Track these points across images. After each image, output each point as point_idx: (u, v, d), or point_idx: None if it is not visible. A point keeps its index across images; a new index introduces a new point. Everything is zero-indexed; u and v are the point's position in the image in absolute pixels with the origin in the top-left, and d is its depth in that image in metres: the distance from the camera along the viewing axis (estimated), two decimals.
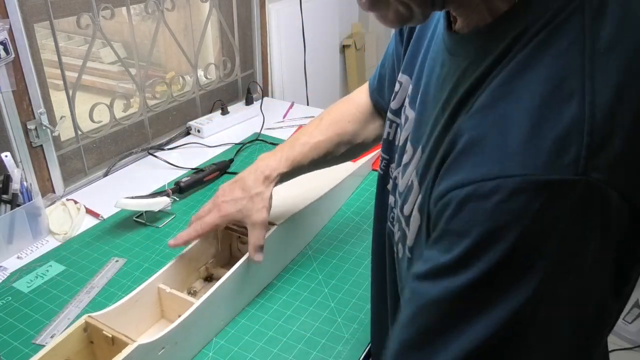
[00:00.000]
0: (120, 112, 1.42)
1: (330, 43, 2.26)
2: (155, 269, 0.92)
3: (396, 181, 0.63)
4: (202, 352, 0.82)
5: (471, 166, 0.42)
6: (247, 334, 0.86)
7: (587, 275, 0.41)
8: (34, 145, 1.17)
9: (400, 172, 0.60)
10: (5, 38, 1.05)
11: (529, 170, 0.39)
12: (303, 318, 0.89)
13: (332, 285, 0.96)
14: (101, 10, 1.29)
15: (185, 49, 1.57)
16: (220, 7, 1.66)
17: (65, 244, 1.08)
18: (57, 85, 1.25)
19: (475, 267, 0.41)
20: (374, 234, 0.77)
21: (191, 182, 1.24)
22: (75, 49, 1.41)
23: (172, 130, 1.58)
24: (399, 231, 0.59)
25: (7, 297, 0.93)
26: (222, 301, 0.84)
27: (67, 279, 0.98)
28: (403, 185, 0.58)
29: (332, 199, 1.15)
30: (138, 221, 1.14)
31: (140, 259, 1.03)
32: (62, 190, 1.27)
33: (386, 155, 0.71)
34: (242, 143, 1.50)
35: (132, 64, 1.43)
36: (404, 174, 0.59)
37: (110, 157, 1.41)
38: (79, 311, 0.90)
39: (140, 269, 1.00)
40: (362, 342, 0.84)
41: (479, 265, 0.41)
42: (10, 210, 1.04)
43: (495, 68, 0.44)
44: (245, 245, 0.98)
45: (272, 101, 1.85)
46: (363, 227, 1.13)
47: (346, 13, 2.37)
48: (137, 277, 0.98)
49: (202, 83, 1.68)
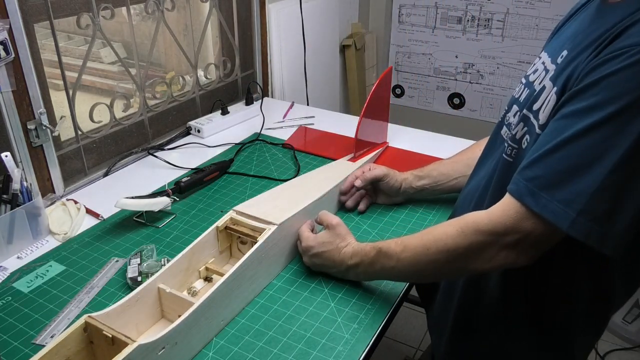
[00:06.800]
0: (120, 112, 1.42)
1: (330, 43, 2.26)
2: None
3: (510, 120, 0.86)
4: (202, 352, 0.82)
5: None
6: (247, 334, 0.86)
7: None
8: (34, 145, 1.17)
9: (526, 89, 0.84)
10: (5, 38, 1.05)
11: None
12: (303, 318, 0.89)
13: (332, 285, 0.96)
14: (101, 10, 1.29)
15: (185, 49, 1.57)
16: (220, 7, 1.66)
17: (65, 244, 1.08)
18: (57, 85, 1.25)
19: (621, 100, 0.62)
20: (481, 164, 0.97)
21: (191, 182, 1.24)
22: (75, 49, 1.41)
23: (172, 130, 1.58)
24: (524, 129, 0.79)
25: (7, 297, 0.93)
26: (222, 301, 0.84)
27: (67, 279, 0.98)
28: (525, 97, 0.82)
29: (332, 199, 1.16)
30: (138, 221, 1.14)
31: None
32: (62, 190, 1.27)
33: (507, 107, 0.89)
34: (242, 143, 1.50)
35: (132, 64, 1.43)
36: (530, 89, 0.81)
37: (110, 157, 1.41)
38: (79, 311, 0.90)
39: None
40: (362, 342, 0.84)
41: (625, 99, 0.61)
42: (10, 210, 1.04)
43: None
44: (245, 245, 0.98)
45: (272, 101, 1.85)
46: (363, 227, 1.13)
47: (346, 13, 2.38)
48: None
49: (202, 83, 1.68)
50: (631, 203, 0.64)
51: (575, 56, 0.71)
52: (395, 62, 2.68)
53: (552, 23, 2.26)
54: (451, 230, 0.78)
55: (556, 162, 0.67)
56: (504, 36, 2.40)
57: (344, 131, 1.56)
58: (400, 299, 0.94)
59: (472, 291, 0.90)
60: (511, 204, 0.71)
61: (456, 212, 1.00)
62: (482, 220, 0.74)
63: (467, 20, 2.44)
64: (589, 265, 0.77)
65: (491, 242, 0.74)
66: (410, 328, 2.11)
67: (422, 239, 0.82)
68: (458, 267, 0.79)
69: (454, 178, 1.13)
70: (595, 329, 0.87)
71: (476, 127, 2.55)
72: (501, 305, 0.86)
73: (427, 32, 2.55)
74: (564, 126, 0.67)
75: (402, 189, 1.16)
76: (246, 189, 1.27)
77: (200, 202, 1.22)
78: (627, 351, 2.02)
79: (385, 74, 1.34)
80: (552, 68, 0.77)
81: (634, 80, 0.61)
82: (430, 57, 2.59)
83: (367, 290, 0.95)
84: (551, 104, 0.72)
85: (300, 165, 1.38)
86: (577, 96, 0.67)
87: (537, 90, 0.78)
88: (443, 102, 2.66)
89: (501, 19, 2.38)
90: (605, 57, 0.65)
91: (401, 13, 2.57)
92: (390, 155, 1.44)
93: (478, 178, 0.95)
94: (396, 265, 0.85)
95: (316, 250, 0.95)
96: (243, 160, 1.41)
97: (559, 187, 0.66)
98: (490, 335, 0.89)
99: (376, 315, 0.90)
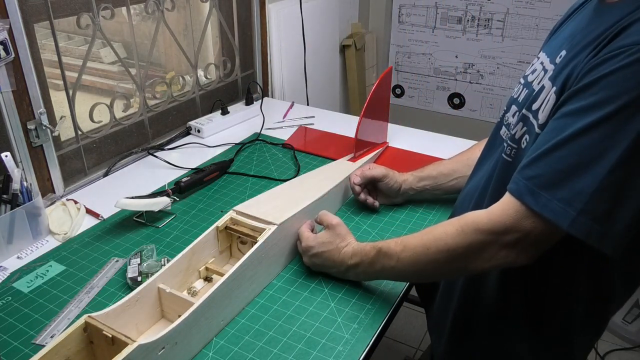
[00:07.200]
0: (120, 112, 1.42)
1: (330, 43, 2.26)
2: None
3: (509, 120, 0.87)
4: (202, 352, 0.82)
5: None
6: (247, 334, 0.86)
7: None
8: (34, 145, 1.17)
9: (524, 89, 0.84)
10: (5, 38, 1.05)
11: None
12: (303, 318, 0.89)
13: (332, 285, 0.96)
14: (101, 10, 1.29)
15: (185, 49, 1.57)
16: (220, 7, 1.66)
17: (65, 244, 1.08)
18: (57, 85, 1.25)
19: (619, 99, 0.62)
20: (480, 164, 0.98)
21: (191, 182, 1.24)
22: (75, 49, 1.41)
23: (172, 130, 1.58)
24: (523, 129, 0.79)
25: (7, 297, 0.93)
26: (222, 301, 0.84)
27: (67, 279, 0.98)
28: (524, 97, 0.82)
29: (332, 199, 1.16)
30: (138, 221, 1.14)
31: None
32: (62, 190, 1.27)
33: (506, 108, 0.90)
34: (242, 143, 1.50)
35: (132, 64, 1.43)
36: (529, 89, 0.82)
37: (110, 157, 1.41)
38: (79, 311, 0.90)
39: None
40: (362, 342, 0.84)
41: (623, 98, 0.62)
42: (10, 210, 1.03)
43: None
44: (245, 245, 0.98)
45: (272, 101, 1.85)
46: (363, 227, 1.13)
47: (346, 13, 2.38)
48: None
49: (202, 83, 1.68)
50: (631, 202, 0.64)
51: (574, 56, 0.71)
52: (395, 62, 2.68)
53: (552, 23, 2.26)
54: (451, 230, 0.78)
55: (556, 161, 0.67)
56: (504, 36, 2.40)
57: (344, 131, 1.56)
58: (400, 299, 0.94)
59: (472, 291, 0.90)
60: (511, 203, 0.71)
61: (456, 212, 1.00)
62: (482, 219, 0.75)
63: (467, 20, 2.44)
64: (588, 265, 0.77)
65: (491, 241, 0.74)
66: (410, 328, 2.11)
67: (422, 238, 0.82)
68: (458, 266, 0.79)
69: (454, 178, 1.13)
70: (595, 329, 0.87)
71: (476, 127, 2.55)
72: (501, 306, 0.86)
73: (427, 32, 2.55)
74: (563, 125, 0.67)
75: (402, 190, 1.16)
76: (246, 189, 1.27)
77: (200, 202, 1.22)
78: (627, 351, 2.02)
79: (385, 74, 1.34)
80: (550, 68, 0.77)
81: (633, 79, 0.61)
82: (430, 57, 2.59)
83: (367, 290, 0.95)
84: (550, 104, 0.73)
85: (300, 165, 1.38)
86: (576, 95, 0.67)
87: (536, 90, 0.79)
88: (443, 102, 2.66)
89: (501, 19, 2.38)
90: (604, 56, 0.65)
91: (401, 13, 2.57)
92: (390, 155, 1.44)
93: (477, 178, 0.95)
94: (396, 265, 0.85)
95: (316, 250, 0.95)
96: (243, 160, 1.41)
97: (558, 186, 0.66)
98: (489, 335, 0.89)
99: (376, 315, 0.90)
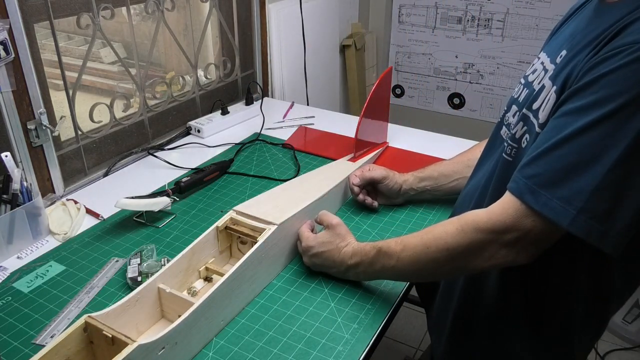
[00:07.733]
0: (120, 112, 1.42)
1: (330, 43, 2.26)
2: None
3: (509, 120, 0.87)
4: (202, 352, 0.82)
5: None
6: (247, 334, 0.86)
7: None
8: (34, 145, 1.17)
9: (524, 89, 0.84)
10: (5, 38, 1.05)
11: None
12: (303, 318, 0.89)
13: (332, 285, 0.96)
14: (101, 10, 1.29)
15: (185, 49, 1.57)
16: (220, 7, 1.66)
17: (65, 244, 1.08)
18: (57, 85, 1.25)
19: (620, 98, 0.62)
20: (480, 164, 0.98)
21: (191, 182, 1.24)
22: (75, 49, 1.41)
23: (172, 130, 1.58)
24: (523, 128, 0.79)
25: (7, 297, 0.93)
26: (222, 301, 0.84)
27: (67, 279, 0.98)
28: (525, 96, 0.83)
29: (332, 199, 1.16)
30: (138, 221, 1.14)
31: None
32: (62, 190, 1.27)
33: (507, 108, 0.90)
34: (242, 143, 1.50)
35: (132, 64, 1.43)
36: (530, 89, 0.82)
37: (110, 157, 1.41)
38: (79, 311, 0.90)
39: None
40: (362, 342, 0.84)
41: (624, 96, 0.62)
42: (10, 210, 1.03)
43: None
44: (245, 245, 0.98)
45: (272, 101, 1.85)
46: (363, 227, 1.13)
47: (346, 13, 2.38)
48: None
49: (202, 83, 1.68)
50: (631, 201, 0.64)
51: (574, 55, 0.71)
52: (395, 62, 2.68)
53: (552, 23, 2.26)
54: (451, 229, 0.78)
55: (556, 159, 0.67)
56: (504, 36, 2.40)
57: (344, 131, 1.56)
58: (400, 299, 0.94)
59: (472, 291, 0.90)
60: (511, 202, 0.71)
61: (456, 212, 1.00)
62: (482, 218, 0.75)
63: (467, 20, 2.44)
64: (588, 264, 0.77)
65: (491, 240, 0.74)
66: (410, 328, 2.11)
67: (422, 237, 0.82)
68: (458, 265, 0.79)
69: (454, 179, 1.13)
70: (595, 329, 0.87)
71: (476, 127, 2.55)
72: (501, 305, 0.86)
73: (427, 32, 2.55)
74: (563, 124, 0.67)
75: (402, 191, 1.16)
76: (246, 189, 1.27)
77: (200, 202, 1.22)
78: (627, 351, 2.02)
79: (385, 74, 1.34)
80: (551, 68, 0.77)
81: (633, 78, 0.61)
82: (430, 57, 2.59)
83: (367, 290, 0.95)
84: (551, 103, 0.73)
85: (300, 165, 1.38)
86: (577, 94, 0.67)
87: (536, 89, 0.79)
88: (443, 102, 2.66)
89: (501, 19, 2.38)
90: (604, 55, 0.65)
91: (401, 13, 2.57)
92: (390, 156, 1.44)
93: (478, 178, 0.95)
94: (396, 265, 0.85)
95: (316, 250, 0.95)
96: (243, 160, 1.41)
97: (559, 184, 0.66)
98: (489, 335, 0.89)
99: (376, 315, 0.90)
